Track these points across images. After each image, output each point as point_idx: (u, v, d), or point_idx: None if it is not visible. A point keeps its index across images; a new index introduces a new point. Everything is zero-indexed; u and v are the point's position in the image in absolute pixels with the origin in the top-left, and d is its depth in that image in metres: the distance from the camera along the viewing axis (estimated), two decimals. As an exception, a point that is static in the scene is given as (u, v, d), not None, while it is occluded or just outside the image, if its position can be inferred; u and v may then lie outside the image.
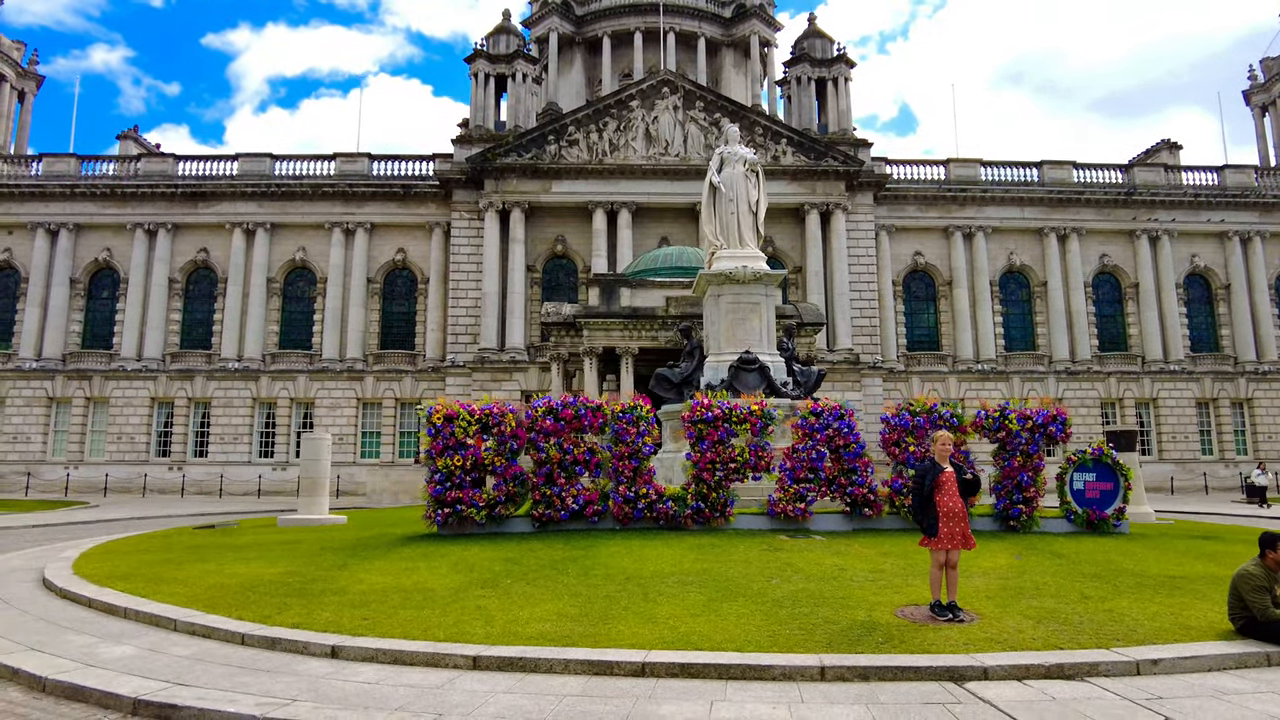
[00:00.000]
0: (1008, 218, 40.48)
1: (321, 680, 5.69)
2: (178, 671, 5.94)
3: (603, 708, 5.08)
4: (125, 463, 36.48)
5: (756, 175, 17.00)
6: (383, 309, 39.64)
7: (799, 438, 12.53)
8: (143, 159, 40.06)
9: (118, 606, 8.00)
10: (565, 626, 6.77)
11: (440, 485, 12.02)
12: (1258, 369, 39.69)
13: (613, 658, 5.88)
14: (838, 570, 9.00)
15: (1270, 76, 45.73)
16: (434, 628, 6.77)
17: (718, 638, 6.40)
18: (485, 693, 5.39)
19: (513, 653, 6.01)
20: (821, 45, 41.81)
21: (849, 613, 7.18)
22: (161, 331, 38.05)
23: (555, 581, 8.50)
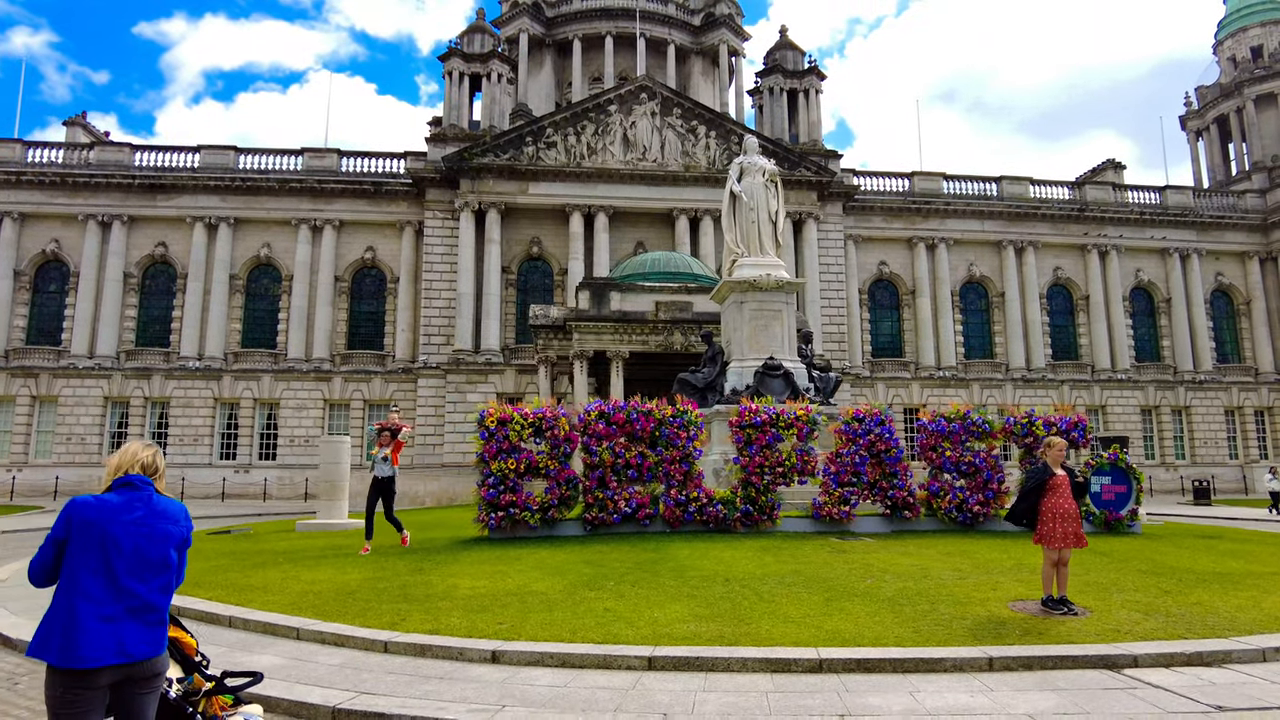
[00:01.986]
0: (969, 230, 42.04)
1: (506, 685, 5.70)
2: (350, 680, 5.86)
3: (812, 701, 5.25)
4: (76, 465, 34.74)
5: (776, 185, 17.34)
6: (351, 308, 38.78)
7: (842, 442, 12.89)
8: (96, 147, 38.27)
9: (222, 615, 7.78)
10: (708, 627, 6.90)
11: (493, 489, 11.96)
12: (1195, 378, 42.15)
13: (787, 655, 6.04)
14: (919, 570, 9.34)
15: (1204, 103, 48.68)
16: (580, 630, 6.82)
17: (867, 634, 6.62)
18: (682, 691, 5.49)
19: (687, 653, 6.12)
20: (793, 57, 42.74)
21: (967, 608, 7.49)
22: (116, 328, 36.41)
23: (656, 583, 8.60)
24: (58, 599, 3.19)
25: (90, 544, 3.18)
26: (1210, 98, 48.25)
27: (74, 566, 3.18)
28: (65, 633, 3.11)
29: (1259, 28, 46.96)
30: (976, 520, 13.10)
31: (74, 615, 3.13)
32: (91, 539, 3.18)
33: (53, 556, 3.22)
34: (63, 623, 3.14)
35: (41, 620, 3.23)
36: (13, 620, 8.07)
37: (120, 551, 3.21)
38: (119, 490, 3.34)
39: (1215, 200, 44.75)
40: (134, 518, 3.26)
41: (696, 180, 37.92)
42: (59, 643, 3.11)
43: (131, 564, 3.23)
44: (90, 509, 3.23)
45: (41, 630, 3.18)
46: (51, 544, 3.22)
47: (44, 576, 3.26)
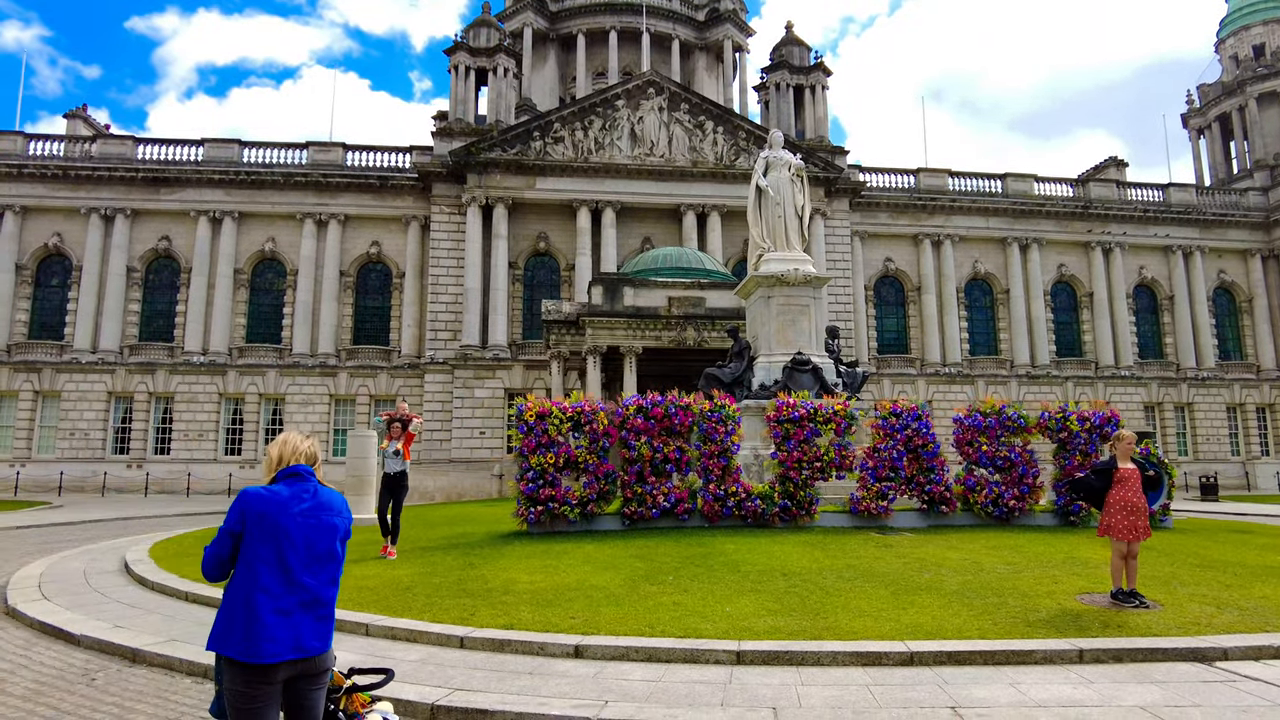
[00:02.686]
0: (974, 227, 42.10)
1: (599, 680, 5.64)
2: (436, 676, 5.78)
3: (916, 694, 5.21)
4: (80, 460, 34.46)
5: (801, 180, 17.29)
6: (356, 303, 38.55)
7: (880, 437, 12.88)
8: (99, 140, 37.89)
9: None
10: (785, 621, 6.86)
11: (533, 483, 11.88)
12: (1197, 375, 42.37)
13: (876, 648, 6.01)
14: (972, 564, 9.32)
15: (1206, 101, 48.89)
16: (657, 624, 6.76)
17: (947, 628, 6.59)
18: (780, 685, 5.44)
19: (775, 647, 6.07)
20: (799, 53, 42.67)
21: (1035, 601, 7.48)
22: (119, 322, 36.10)
23: (715, 578, 8.55)
24: (234, 593, 3.11)
25: (265, 536, 3.10)
26: (1212, 96, 48.45)
27: (251, 559, 3.10)
28: (246, 627, 3.03)
29: (1261, 26, 47.18)
30: (1012, 515, 13.11)
31: (253, 609, 3.05)
32: (266, 531, 3.11)
33: (229, 549, 3.14)
34: (242, 617, 3.05)
35: (218, 614, 3.15)
36: (69, 616, 7.96)
37: (292, 544, 3.13)
38: (286, 482, 3.25)
39: (1218, 198, 44.96)
40: (302, 509, 3.19)
41: (704, 176, 37.84)
42: (240, 637, 3.03)
43: (303, 557, 3.15)
44: (264, 500, 3.15)
45: (220, 624, 3.10)
46: (227, 536, 3.14)
47: (219, 570, 3.18)
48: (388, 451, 11.15)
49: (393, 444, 11.11)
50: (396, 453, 11.12)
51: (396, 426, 11.21)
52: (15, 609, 8.43)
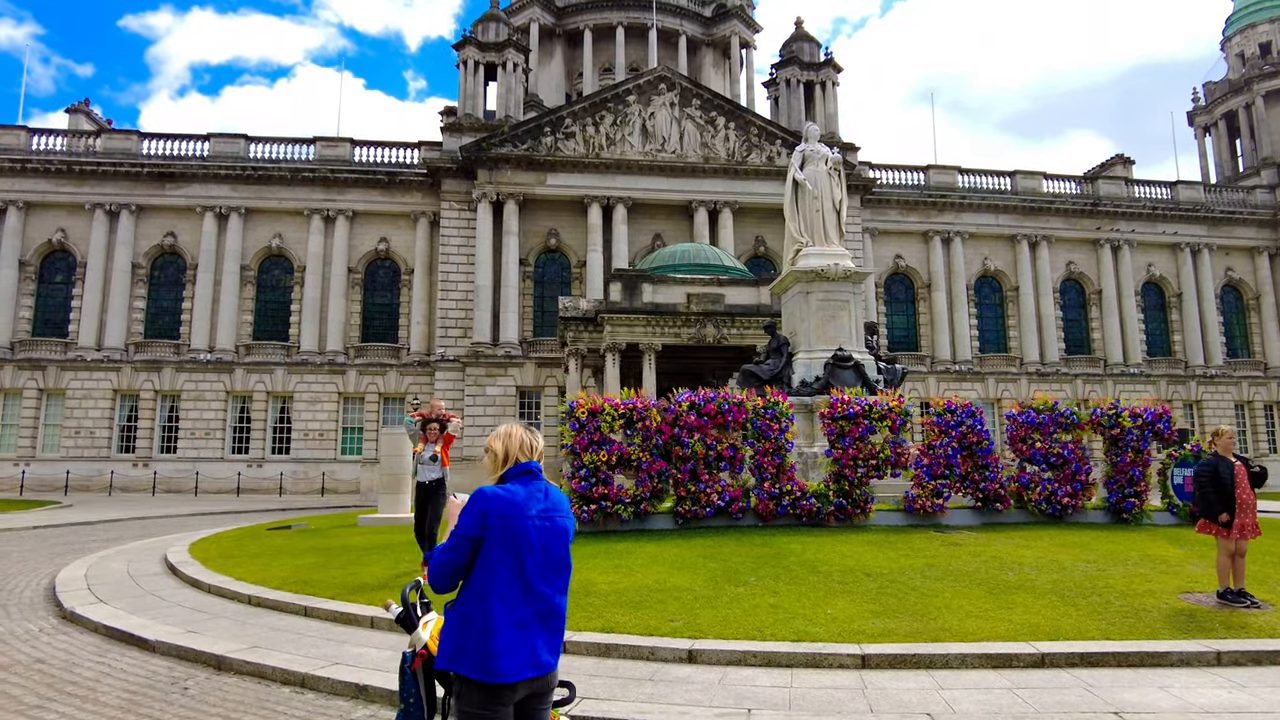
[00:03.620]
0: (983, 224, 42.02)
1: (726, 686, 5.40)
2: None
3: (1067, 698, 5.00)
4: (85, 459, 33.98)
5: (839, 173, 17.08)
6: (364, 300, 38.15)
7: (934, 435, 12.68)
8: (103, 135, 37.36)
9: (363, 616, 7.42)
10: (893, 623, 6.64)
11: (585, 481, 11.63)
12: (1206, 373, 42.43)
13: (1004, 650, 5.80)
14: (1050, 562, 9.12)
15: (1212, 99, 48.96)
16: (765, 627, 6.53)
17: (1064, 628, 6.39)
18: (919, 689, 5.22)
19: (901, 650, 5.85)
20: (810, 49, 42.47)
21: (1138, 600, 7.29)
22: (124, 319, 35.60)
23: (797, 578, 8.33)
24: (469, 603, 2.83)
25: (505, 541, 2.83)
26: (1218, 93, 48.52)
27: (490, 566, 2.82)
28: (483, 642, 2.76)
29: (1268, 24, 47.26)
30: (1065, 512, 12.94)
31: (490, 622, 2.78)
32: (506, 536, 2.83)
33: (466, 556, 2.85)
34: (479, 630, 2.78)
35: (448, 627, 2.87)
36: (136, 620, 7.66)
37: (530, 549, 2.87)
38: (518, 481, 2.97)
39: (1225, 196, 45.02)
40: (539, 510, 2.92)
41: (715, 172, 37.61)
42: (477, 653, 2.76)
43: (539, 563, 2.89)
44: (504, 502, 2.87)
45: (453, 638, 2.82)
46: (466, 542, 2.84)
47: (452, 578, 2.88)
48: (423, 456, 9.63)
49: (429, 448, 9.63)
50: (434, 457, 9.61)
51: (433, 428, 9.73)
52: (75, 613, 8.12)
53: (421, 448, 9.60)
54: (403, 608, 3.57)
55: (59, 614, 8.43)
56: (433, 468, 9.53)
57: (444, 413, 10.01)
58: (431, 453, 9.51)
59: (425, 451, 9.54)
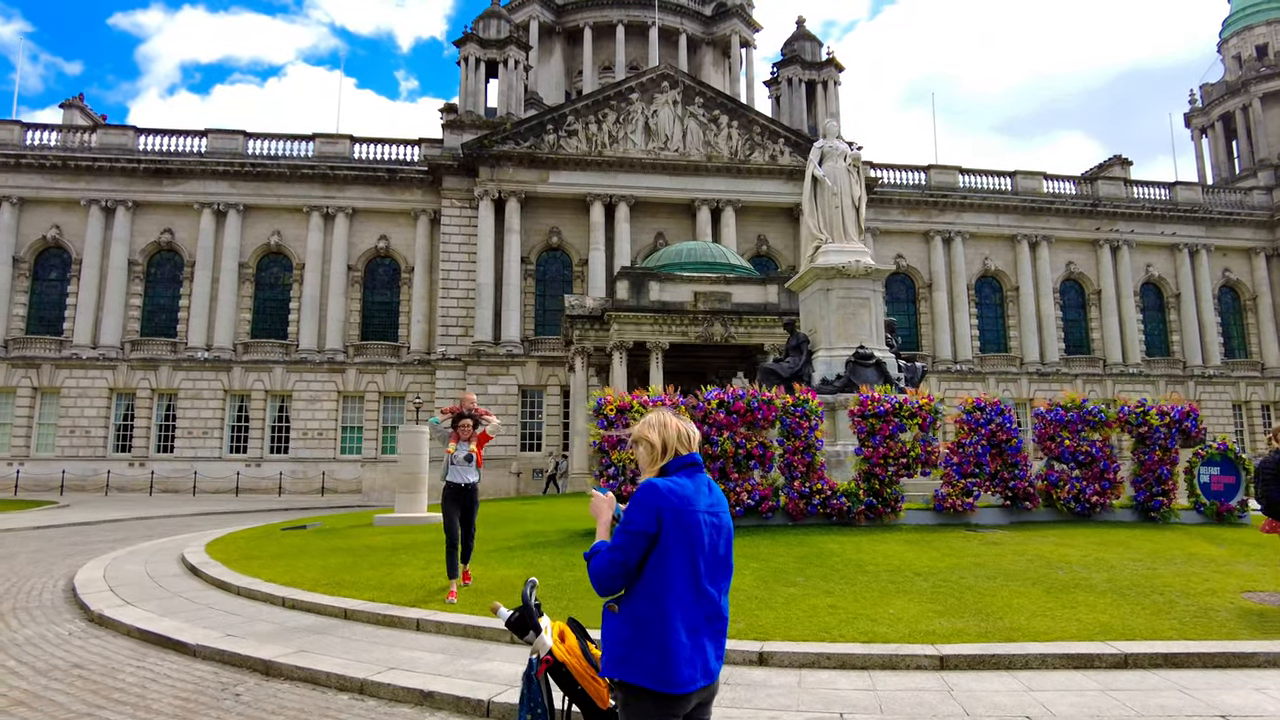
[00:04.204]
0: (984, 224, 42.06)
1: (807, 690, 5.22)
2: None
3: (1163, 701, 4.84)
4: (81, 458, 33.51)
5: (858, 170, 16.92)
6: (364, 298, 37.83)
7: (964, 433, 12.53)
8: (98, 130, 36.88)
9: (406, 618, 7.19)
10: (960, 622, 6.47)
11: (614, 480, 11.43)
12: (1204, 373, 42.63)
13: (1084, 650, 5.65)
14: (1097, 560, 8.99)
15: (1209, 101, 49.21)
16: (829, 628, 6.35)
17: (1137, 627, 6.25)
18: (1009, 692, 5.05)
19: (978, 650, 5.68)
20: (811, 48, 42.43)
21: (1201, 599, 7.16)
22: (120, 317, 35.14)
23: (846, 577, 8.16)
24: (641, 607, 2.61)
25: (681, 539, 2.62)
26: (1215, 95, 48.78)
27: (667, 566, 2.61)
28: (660, 649, 2.56)
29: (1264, 26, 47.54)
30: (1093, 510, 12.82)
31: (667, 627, 2.57)
32: (682, 533, 2.62)
33: (639, 554, 2.62)
34: (655, 636, 2.57)
35: (614, 632, 2.65)
36: (171, 624, 7.41)
37: (701, 548, 2.66)
38: (683, 474, 2.76)
39: (1223, 197, 45.25)
40: (707, 506, 2.72)
41: (718, 171, 37.48)
42: (653, 661, 2.55)
43: (709, 562, 2.69)
44: (678, 496, 2.65)
45: (621, 644, 2.61)
46: (640, 539, 2.61)
47: (621, 579, 2.64)
48: (456, 456, 8.35)
49: (462, 447, 8.41)
50: (469, 458, 8.37)
51: (466, 424, 8.50)
52: (104, 615, 7.86)
53: (454, 447, 8.40)
54: (515, 610, 3.36)
55: (86, 617, 8.16)
56: (468, 469, 8.33)
57: (476, 408, 8.94)
58: (466, 452, 8.35)
59: (459, 451, 8.37)
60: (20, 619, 8.20)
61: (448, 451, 8.44)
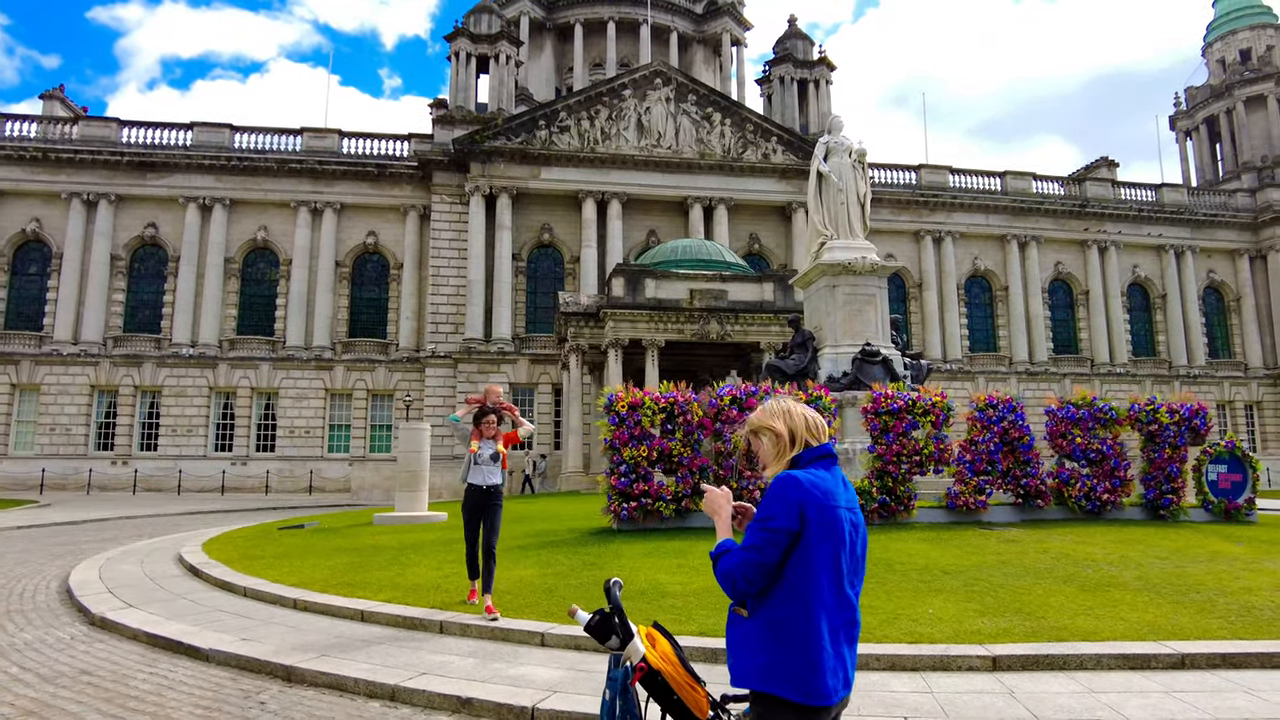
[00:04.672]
0: (974, 224, 42.21)
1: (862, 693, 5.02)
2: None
3: (1234, 702, 4.70)
4: (61, 457, 32.79)
5: (863, 166, 16.81)
6: (352, 295, 37.34)
7: (976, 430, 12.42)
8: (80, 122, 36.11)
9: (429, 620, 6.93)
10: (1003, 621, 6.31)
11: (625, 478, 11.20)
12: (1189, 373, 43.03)
13: (1140, 650, 5.52)
14: (1121, 558, 8.88)
15: (1194, 104, 49.70)
16: (872, 628, 6.15)
17: (1185, 626, 6.12)
18: (1070, 694, 4.89)
19: (1031, 650, 5.52)
20: (803, 47, 42.36)
21: (1242, 597, 7.06)
22: (102, 313, 34.43)
23: (878, 577, 7.95)
24: (784, 610, 2.38)
25: (825, 537, 2.39)
26: (1200, 99, 49.28)
27: (812, 567, 2.37)
28: (806, 657, 2.33)
29: (1248, 31, 48.07)
30: (1104, 508, 12.75)
31: (813, 634, 2.35)
32: (826, 530, 2.39)
33: (780, 554, 2.38)
34: (799, 643, 2.34)
35: (752, 638, 2.41)
36: (180, 627, 7.10)
37: (845, 546, 2.44)
38: (818, 465, 2.52)
39: (1208, 199, 45.71)
40: (846, 501, 2.49)
41: (711, 169, 37.32)
42: (800, 671, 2.32)
43: (850, 563, 2.46)
44: (821, 490, 2.41)
45: (760, 652, 2.37)
46: (783, 537, 2.36)
47: (759, 581, 2.39)
48: (482, 455, 7.43)
49: (486, 445, 7.49)
50: (495, 457, 7.49)
51: (490, 421, 7.57)
52: (106, 618, 7.54)
53: (478, 445, 7.46)
54: (596, 614, 3.12)
55: (87, 620, 7.83)
56: (492, 469, 7.44)
57: (502, 402, 7.97)
58: (492, 451, 7.47)
59: (484, 449, 7.45)
60: (16, 622, 7.86)
61: (471, 450, 7.50)
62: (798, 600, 2.36)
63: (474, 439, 7.58)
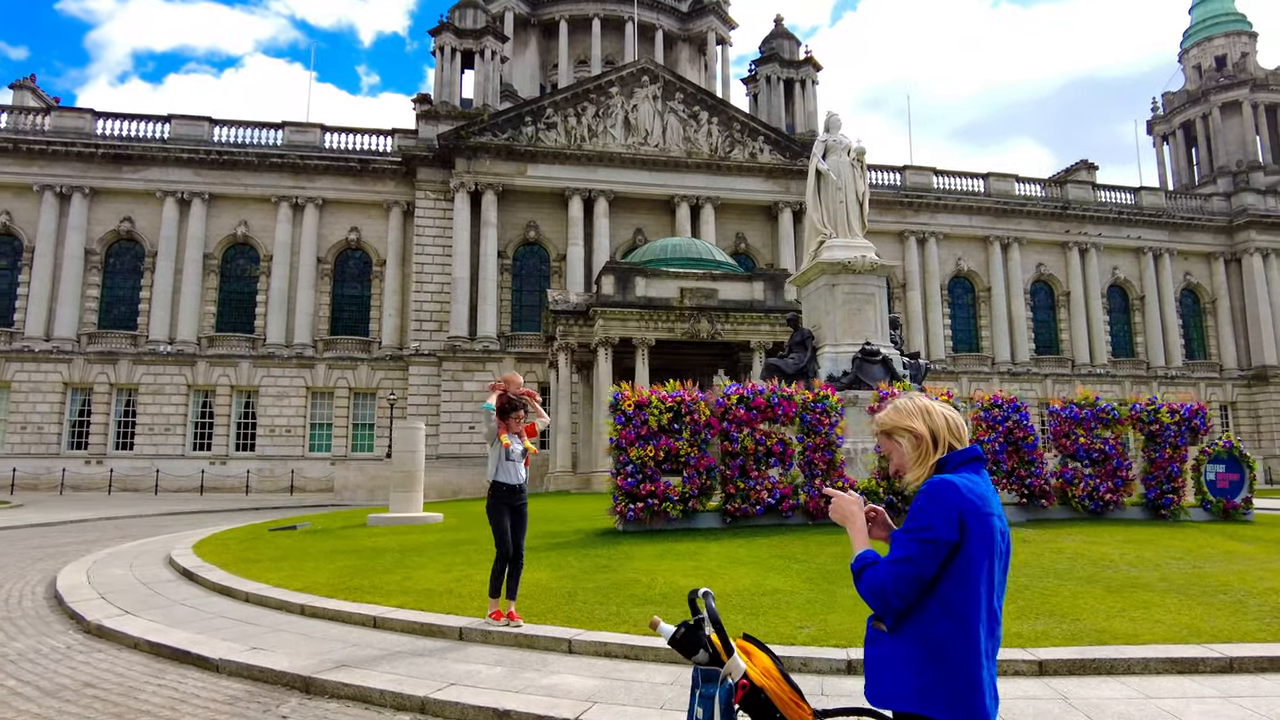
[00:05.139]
0: (957, 225, 42.50)
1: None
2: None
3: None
4: (32, 456, 31.93)
5: (861, 164, 16.72)
6: (334, 292, 36.76)
7: (982, 430, 12.38)
8: (53, 113, 35.20)
9: (448, 627, 6.67)
10: (1039, 624, 6.21)
11: (631, 478, 11.00)
12: (1166, 374, 43.66)
13: (1188, 654, 5.42)
14: (1139, 559, 8.84)
15: (1171, 109, 50.45)
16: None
17: (1222, 629, 6.04)
18: (1125, 699, 4.76)
19: (1074, 654, 5.41)
20: (789, 46, 42.40)
21: (1274, 599, 7.01)
22: (76, 309, 33.58)
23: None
24: (939, 628, 2.18)
25: (984, 547, 2.18)
26: (1177, 104, 50.03)
27: (972, 581, 2.18)
28: (968, 678, 2.14)
29: (1223, 38, 48.89)
30: (1106, 508, 12.77)
31: (974, 653, 2.16)
32: (984, 541, 2.19)
33: (936, 565, 2.18)
34: (960, 663, 2.15)
35: (903, 656, 2.22)
36: (186, 635, 6.79)
37: (997, 557, 2.25)
38: (970, 469, 2.32)
39: (1184, 202, 46.41)
40: (998, 508, 2.30)
41: (698, 167, 37.21)
42: (961, 693, 2.14)
43: (1001, 575, 2.28)
44: (978, 496, 2.21)
45: (916, 672, 2.17)
46: (940, 547, 2.16)
47: (913, 595, 2.19)
48: (514, 451, 6.98)
49: (515, 440, 7.05)
50: (524, 452, 7.11)
51: (519, 415, 7.10)
52: (104, 626, 7.20)
53: (508, 439, 6.99)
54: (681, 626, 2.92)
55: (82, 628, 7.48)
56: (520, 468, 7.04)
57: (524, 390, 7.44)
58: (521, 446, 7.07)
59: (515, 446, 7.02)
60: (6, 630, 7.49)
61: (503, 445, 6.95)
62: (955, 618, 2.17)
63: (502, 431, 7.06)
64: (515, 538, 6.92)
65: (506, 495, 6.96)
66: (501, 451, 6.99)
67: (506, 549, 6.81)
